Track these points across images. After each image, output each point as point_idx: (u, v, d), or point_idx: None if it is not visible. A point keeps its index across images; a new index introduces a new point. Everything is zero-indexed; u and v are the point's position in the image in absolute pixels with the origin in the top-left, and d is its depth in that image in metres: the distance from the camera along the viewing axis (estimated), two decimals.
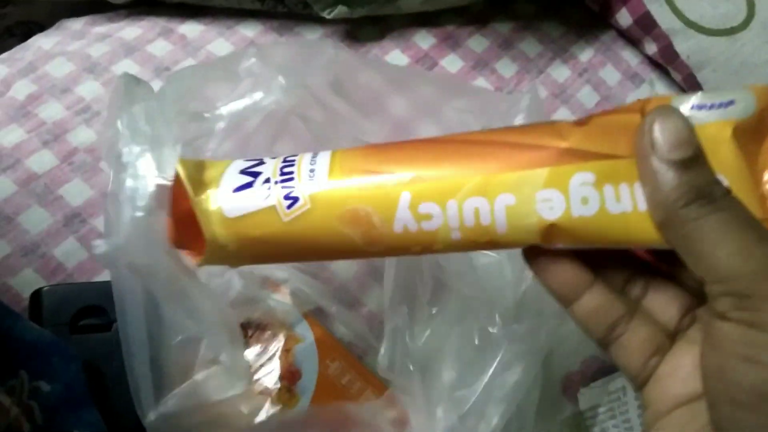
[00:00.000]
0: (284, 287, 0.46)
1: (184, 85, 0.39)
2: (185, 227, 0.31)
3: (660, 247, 0.27)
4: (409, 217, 0.29)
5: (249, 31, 0.58)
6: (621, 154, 0.28)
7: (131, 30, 0.57)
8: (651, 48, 0.60)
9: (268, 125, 0.40)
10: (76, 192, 0.49)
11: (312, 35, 0.58)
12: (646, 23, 0.58)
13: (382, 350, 0.44)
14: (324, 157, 0.30)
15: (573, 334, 0.50)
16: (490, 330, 0.40)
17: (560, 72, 0.60)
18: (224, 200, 0.30)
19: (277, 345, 0.45)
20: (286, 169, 0.30)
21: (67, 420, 0.38)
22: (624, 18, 0.60)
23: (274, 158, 0.31)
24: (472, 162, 0.29)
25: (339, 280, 0.49)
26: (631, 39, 0.62)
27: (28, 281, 0.46)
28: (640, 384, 0.29)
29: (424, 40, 0.59)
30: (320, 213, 0.29)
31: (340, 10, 0.55)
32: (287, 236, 0.30)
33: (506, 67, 0.59)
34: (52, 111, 0.51)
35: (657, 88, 0.61)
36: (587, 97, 0.60)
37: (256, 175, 0.30)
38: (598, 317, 0.29)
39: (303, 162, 0.30)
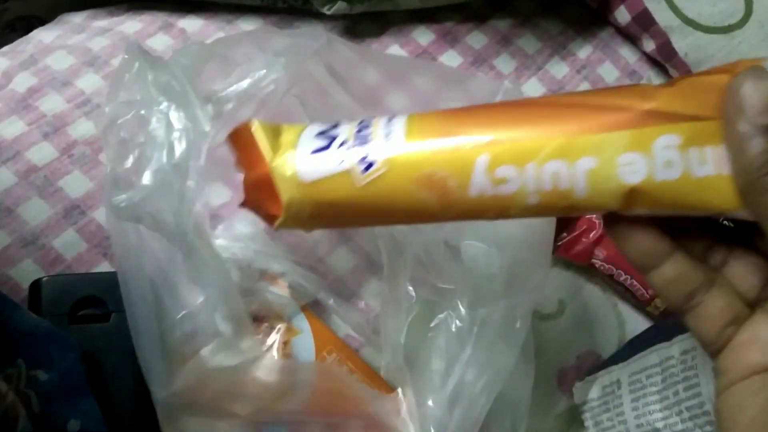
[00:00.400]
0: (282, 280, 0.47)
1: (189, 64, 0.39)
2: (258, 189, 0.31)
3: (741, 215, 0.26)
4: (486, 181, 0.28)
5: (249, 25, 0.58)
6: (708, 116, 0.26)
7: (132, 24, 0.57)
8: (649, 45, 0.60)
9: (267, 108, 0.40)
10: (75, 184, 0.49)
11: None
12: (645, 20, 0.58)
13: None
14: (400, 120, 0.30)
15: (569, 329, 0.51)
16: (461, 316, 0.40)
17: (558, 68, 0.60)
18: (301, 164, 0.30)
19: (275, 337, 0.45)
20: (362, 132, 0.30)
21: (64, 408, 0.38)
22: (622, 15, 0.60)
23: (349, 122, 0.31)
24: (552, 124, 0.28)
25: (336, 274, 0.49)
26: (630, 36, 0.62)
27: (27, 272, 0.46)
28: (714, 352, 0.28)
29: (423, 36, 0.59)
30: (396, 176, 0.29)
31: (340, 6, 0.56)
32: (362, 200, 0.29)
33: (505, 64, 0.59)
34: (52, 104, 0.52)
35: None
36: None
37: (332, 138, 0.30)
38: (677, 286, 0.28)
39: (379, 125, 0.30)
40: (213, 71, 0.40)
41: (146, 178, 0.35)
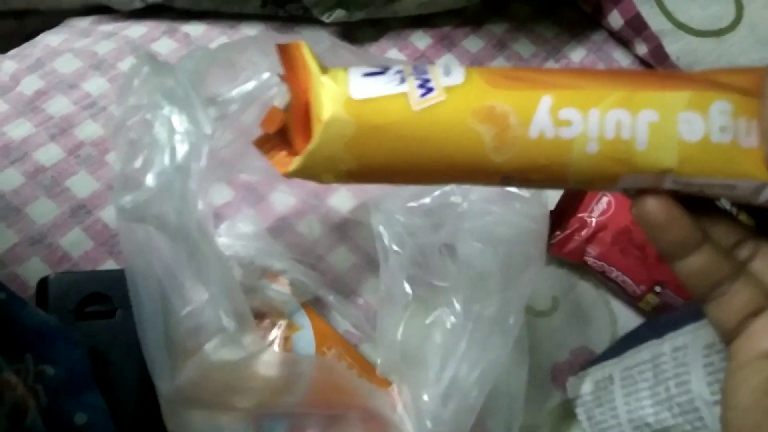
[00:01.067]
0: (283, 278, 0.48)
1: (194, 69, 0.40)
2: (292, 119, 0.29)
3: None
4: (548, 121, 0.28)
5: (251, 30, 0.59)
6: (754, 92, 0.28)
7: (136, 28, 0.58)
8: (641, 49, 0.61)
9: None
10: (82, 184, 0.51)
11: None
12: (637, 24, 0.60)
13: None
14: (458, 68, 0.29)
15: (562, 325, 0.52)
16: (456, 312, 0.41)
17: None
18: (352, 80, 0.28)
19: (276, 333, 0.46)
20: (419, 68, 0.29)
21: (71, 402, 0.39)
22: (615, 19, 0.61)
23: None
24: (614, 80, 0.28)
25: (336, 272, 0.50)
26: (622, 40, 0.63)
27: (34, 270, 0.47)
28: (730, 339, 0.29)
29: (421, 40, 0.60)
30: (455, 106, 0.28)
31: (339, 14, 0.57)
32: (414, 128, 0.28)
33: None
34: (59, 106, 0.53)
35: None
36: None
37: (386, 68, 0.29)
38: (702, 276, 0.29)
39: (437, 68, 0.29)
40: (218, 75, 0.41)
41: (150, 180, 0.37)
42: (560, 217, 0.52)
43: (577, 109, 0.28)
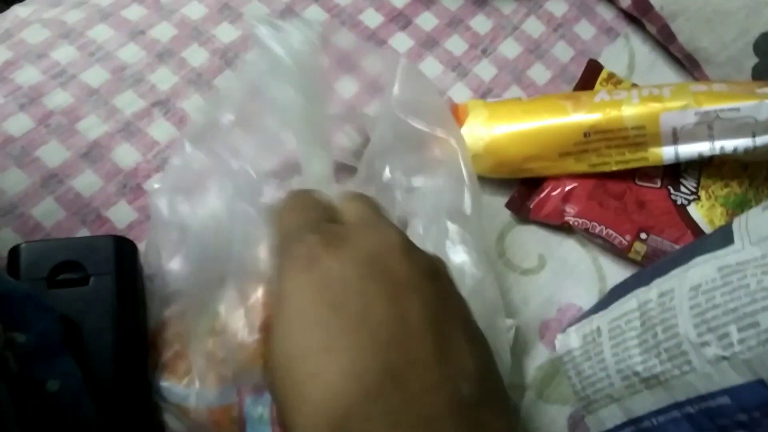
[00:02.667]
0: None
1: None
2: None
3: None
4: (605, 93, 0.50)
5: None
6: None
7: None
8: (625, 1, 0.60)
9: None
10: (52, 153, 0.50)
11: None
12: None
13: None
14: None
15: (549, 283, 0.51)
16: None
17: (535, 28, 0.60)
18: None
19: (255, 296, 0.45)
20: None
21: (43, 369, 0.39)
22: None
23: None
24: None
25: None
26: None
27: (7, 240, 0.46)
28: None
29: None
30: None
31: None
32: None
33: (481, 24, 0.59)
34: (27, 75, 0.52)
35: (632, 41, 0.61)
36: (562, 52, 0.60)
37: None
38: None
39: None
40: None
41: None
42: (533, 180, 0.52)
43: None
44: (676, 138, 0.48)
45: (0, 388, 0.35)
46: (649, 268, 0.45)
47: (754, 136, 0.47)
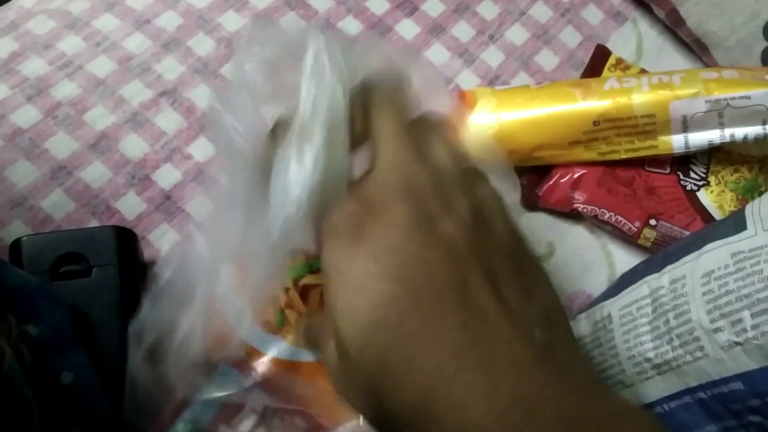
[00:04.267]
0: None
1: None
2: None
3: None
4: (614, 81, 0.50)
5: None
6: None
7: None
8: None
9: None
10: (61, 145, 0.49)
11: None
12: None
13: None
14: None
15: (559, 270, 0.51)
16: None
17: (542, 12, 0.60)
18: None
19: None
20: None
21: (56, 361, 0.39)
22: None
23: None
24: None
25: None
26: None
27: (17, 233, 0.46)
28: None
29: None
30: None
31: None
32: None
33: (488, 9, 0.59)
34: (34, 67, 0.52)
35: (640, 26, 0.61)
36: (569, 38, 0.59)
37: None
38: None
39: None
40: None
41: None
42: (543, 168, 0.52)
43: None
44: (686, 126, 0.48)
45: (19, 379, 0.35)
46: (659, 254, 0.45)
47: (764, 123, 0.47)
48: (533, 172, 0.52)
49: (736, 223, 0.39)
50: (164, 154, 0.50)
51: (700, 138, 0.48)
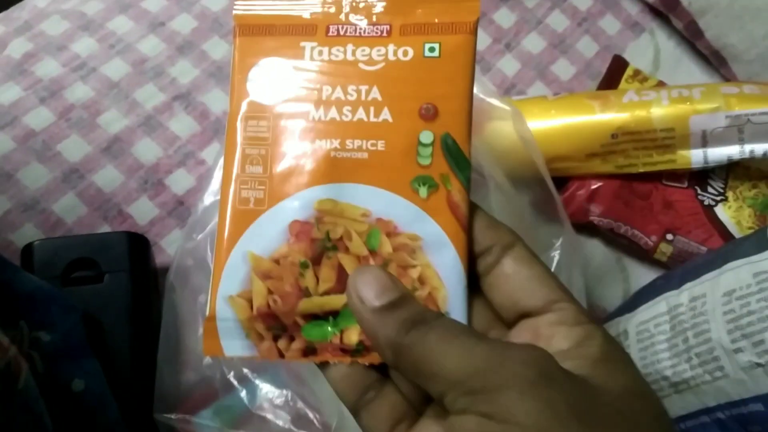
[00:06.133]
0: None
1: None
2: None
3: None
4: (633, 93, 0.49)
5: None
6: None
7: None
8: None
9: None
10: (73, 148, 0.49)
11: None
12: None
13: None
14: None
15: (571, 284, 0.50)
16: None
17: (559, 21, 0.59)
18: None
19: None
20: None
21: (68, 368, 0.39)
22: None
23: None
24: None
25: None
26: None
27: (28, 236, 0.46)
28: None
29: None
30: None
31: None
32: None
33: (504, 18, 0.59)
34: (48, 68, 0.51)
35: (657, 37, 0.60)
36: (586, 47, 0.59)
37: None
38: (350, 382, 0.29)
39: None
40: None
41: None
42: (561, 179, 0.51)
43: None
44: (705, 141, 0.48)
45: (28, 381, 0.35)
46: (677, 270, 0.45)
47: None
48: None
49: (758, 241, 0.39)
50: (177, 159, 0.50)
51: (719, 153, 0.48)
